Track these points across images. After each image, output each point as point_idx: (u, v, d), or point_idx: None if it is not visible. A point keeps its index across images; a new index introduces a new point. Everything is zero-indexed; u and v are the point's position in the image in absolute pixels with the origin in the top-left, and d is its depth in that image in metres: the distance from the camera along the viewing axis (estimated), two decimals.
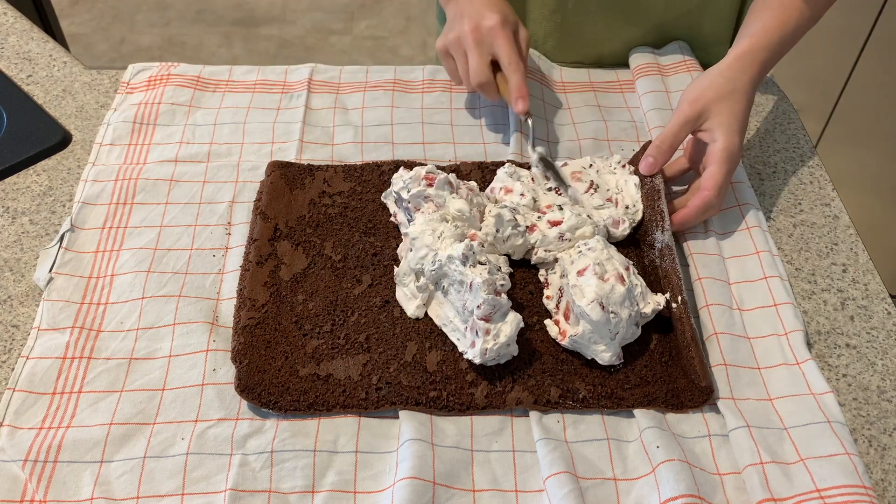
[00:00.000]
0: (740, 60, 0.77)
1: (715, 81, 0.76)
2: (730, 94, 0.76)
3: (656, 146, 0.77)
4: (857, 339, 0.71)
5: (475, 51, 0.82)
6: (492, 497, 0.60)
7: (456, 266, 0.66)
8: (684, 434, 0.64)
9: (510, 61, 0.81)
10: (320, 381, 0.65)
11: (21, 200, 0.82)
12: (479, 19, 0.82)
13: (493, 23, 0.81)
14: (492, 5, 0.83)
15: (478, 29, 0.81)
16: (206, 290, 0.73)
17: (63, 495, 0.59)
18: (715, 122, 0.75)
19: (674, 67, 0.95)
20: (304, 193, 0.80)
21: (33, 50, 1.00)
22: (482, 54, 0.82)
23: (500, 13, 0.82)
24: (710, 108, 0.75)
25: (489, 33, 0.81)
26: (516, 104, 0.81)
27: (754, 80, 0.77)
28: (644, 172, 0.77)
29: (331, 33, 2.60)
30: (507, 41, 0.81)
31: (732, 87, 0.76)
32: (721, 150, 0.74)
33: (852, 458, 0.60)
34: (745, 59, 0.77)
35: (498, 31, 0.81)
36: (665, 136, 0.77)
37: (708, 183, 0.74)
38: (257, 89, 0.94)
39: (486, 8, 0.82)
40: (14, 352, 0.69)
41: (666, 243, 0.72)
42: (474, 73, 0.82)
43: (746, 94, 0.76)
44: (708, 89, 0.76)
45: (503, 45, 0.81)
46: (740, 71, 0.77)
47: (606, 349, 0.65)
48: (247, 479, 0.60)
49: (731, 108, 0.75)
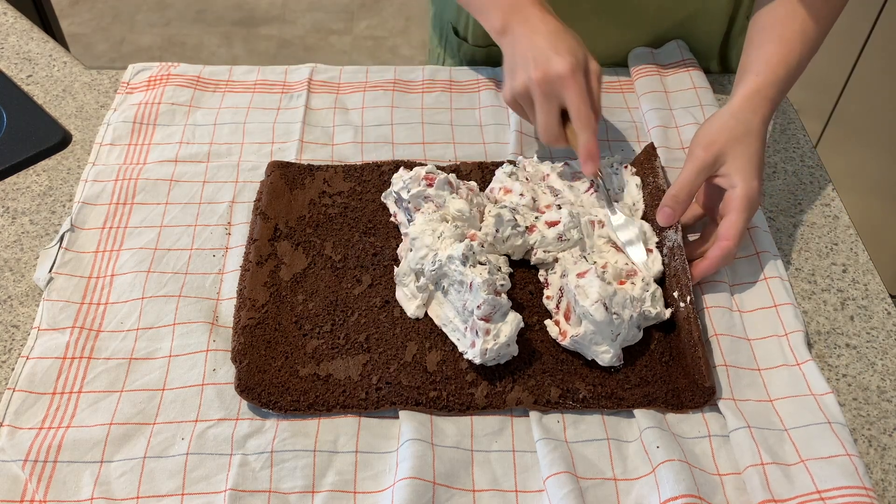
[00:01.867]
0: (750, 101, 0.74)
1: (727, 124, 0.73)
2: (744, 137, 0.72)
3: (673, 196, 0.72)
4: (857, 339, 0.71)
5: (544, 106, 0.75)
6: (492, 497, 0.60)
7: (456, 266, 0.66)
8: (684, 434, 0.64)
9: (579, 116, 0.74)
10: (320, 381, 0.65)
11: (21, 200, 0.82)
12: (546, 65, 0.73)
13: (561, 69, 0.73)
14: (559, 43, 0.74)
15: (546, 79, 0.73)
16: (206, 290, 0.73)
17: (63, 495, 0.59)
18: (732, 166, 0.71)
19: (673, 68, 0.95)
20: (304, 193, 0.80)
21: (33, 50, 1.00)
22: (550, 110, 0.75)
23: (570, 54, 0.74)
24: (726, 152, 0.72)
25: (558, 83, 0.73)
26: (585, 166, 0.75)
27: (765, 119, 0.74)
28: (662, 224, 0.72)
29: (331, 33, 2.60)
30: (578, 92, 0.73)
31: (746, 128, 0.72)
32: (741, 197, 0.70)
33: (853, 459, 0.60)
34: (755, 99, 0.74)
35: (568, 79, 0.73)
36: (682, 184, 0.72)
37: (728, 232, 0.70)
38: (257, 89, 0.94)
39: (553, 48, 0.74)
40: (14, 352, 0.69)
41: (677, 243, 0.72)
42: (543, 132, 0.76)
43: (760, 134, 0.73)
44: (721, 132, 0.72)
45: (573, 98, 0.73)
46: (751, 112, 0.73)
47: (607, 350, 0.65)
48: (247, 479, 0.60)
49: (746, 150, 0.72)
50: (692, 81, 0.93)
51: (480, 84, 0.95)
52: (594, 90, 0.76)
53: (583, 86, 0.74)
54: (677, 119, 0.89)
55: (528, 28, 0.76)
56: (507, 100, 0.79)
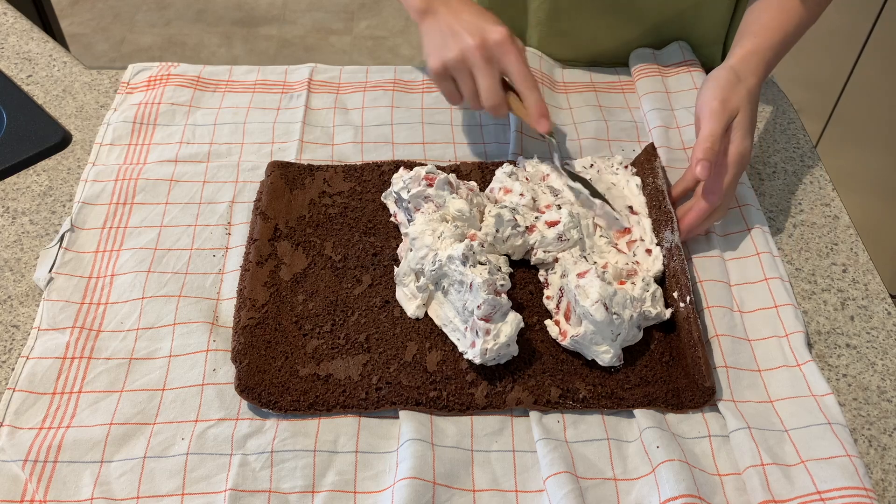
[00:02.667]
0: (746, 61, 0.76)
1: (731, 81, 0.74)
2: (746, 96, 0.74)
3: (708, 148, 0.71)
4: (857, 339, 0.71)
5: (485, 70, 0.75)
6: (492, 497, 0.60)
7: (456, 266, 0.66)
8: (684, 434, 0.64)
9: (524, 78, 0.75)
10: (320, 381, 0.65)
11: (21, 200, 0.82)
12: (482, 34, 0.75)
13: (500, 37, 0.74)
14: (488, 18, 0.77)
15: (484, 45, 0.74)
16: (206, 290, 0.73)
17: (63, 495, 0.59)
18: (737, 122, 0.73)
19: (674, 68, 0.95)
20: (304, 193, 0.80)
21: (33, 50, 1.00)
22: (492, 73, 0.75)
23: (504, 25, 0.76)
24: (737, 106, 0.73)
25: (498, 49, 0.74)
26: (538, 123, 0.76)
27: (760, 80, 0.76)
28: (702, 177, 0.71)
29: (331, 33, 2.60)
30: (518, 57, 0.75)
31: (747, 88, 0.74)
32: (734, 153, 0.73)
33: (853, 460, 0.60)
34: (752, 60, 0.76)
35: (508, 46, 0.74)
36: (713, 137, 0.71)
37: (702, 135, 0.72)
38: (257, 89, 0.94)
39: (485, 21, 0.76)
40: (14, 352, 0.69)
41: (675, 243, 0.72)
42: (487, 95, 0.76)
43: (755, 95, 0.75)
44: (731, 90, 0.73)
45: (514, 62, 0.75)
46: (749, 72, 0.75)
47: (607, 350, 0.65)
48: (247, 479, 0.60)
49: (746, 109, 0.73)
50: (693, 82, 0.93)
51: None
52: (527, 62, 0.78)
53: (523, 51, 0.76)
54: (679, 119, 0.89)
55: (451, 9, 0.78)
56: (437, 69, 0.77)
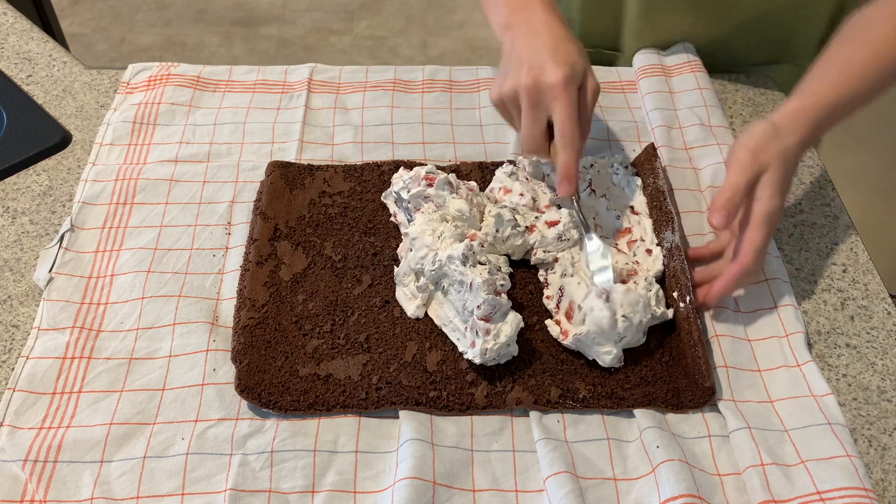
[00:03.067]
0: (792, 118, 0.70)
1: (768, 135, 0.69)
2: (781, 153, 0.68)
3: (728, 198, 0.67)
4: (857, 339, 0.71)
5: (530, 114, 0.71)
6: (492, 497, 0.60)
7: (456, 266, 0.66)
8: (684, 434, 0.64)
9: (563, 133, 0.69)
10: (320, 381, 0.65)
11: (21, 200, 0.82)
12: (539, 73, 0.69)
13: (553, 80, 0.69)
14: (558, 51, 0.70)
15: (536, 87, 0.69)
16: (206, 290, 0.73)
17: (63, 495, 0.59)
18: (766, 179, 0.68)
19: (678, 68, 0.95)
20: (304, 193, 0.80)
21: (33, 50, 1.00)
22: (536, 120, 0.71)
23: (567, 65, 0.69)
24: (768, 161, 0.68)
25: (548, 93, 0.69)
26: (560, 186, 0.71)
27: (803, 142, 0.70)
28: (721, 225, 0.67)
29: (331, 33, 2.60)
30: (567, 107, 0.69)
31: (784, 145, 0.68)
32: (764, 212, 0.67)
33: (853, 460, 0.60)
34: (798, 118, 0.70)
35: (559, 92, 0.69)
36: (735, 188, 0.67)
37: (747, 248, 0.67)
38: (257, 89, 0.94)
39: (551, 56, 0.70)
40: (14, 352, 0.69)
41: (675, 243, 0.72)
42: (526, 140, 0.72)
43: (793, 155, 0.69)
44: (766, 143, 0.68)
45: (560, 113, 0.69)
46: (791, 130, 0.69)
47: (609, 351, 0.65)
48: (247, 479, 0.60)
49: (780, 168, 0.68)
50: (697, 82, 0.93)
51: (480, 84, 0.95)
52: (587, 106, 0.72)
53: (573, 101, 0.70)
54: (681, 119, 0.89)
55: (530, 29, 0.73)
56: (494, 99, 0.75)
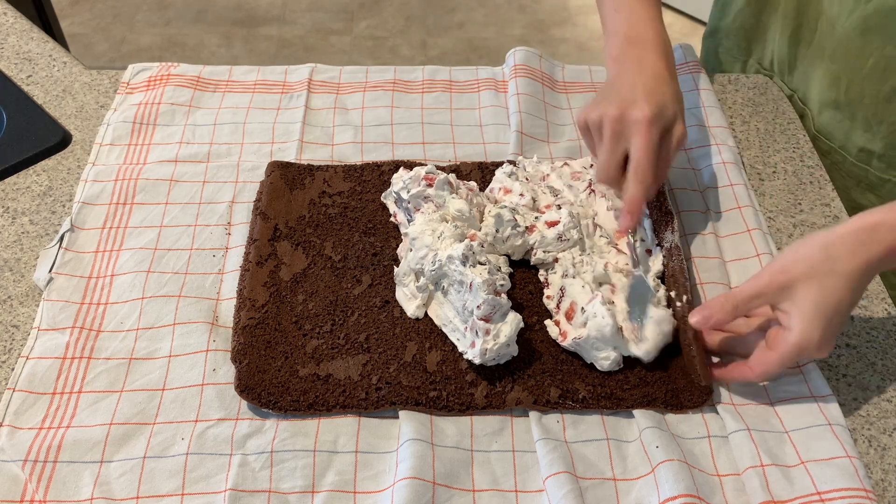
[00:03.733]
0: (856, 236, 0.59)
1: (811, 255, 0.60)
2: (824, 277, 0.59)
3: (721, 303, 0.63)
4: (857, 339, 0.71)
5: (609, 145, 0.70)
6: (492, 497, 0.60)
7: (456, 266, 0.66)
8: (684, 435, 0.64)
9: (637, 168, 0.68)
10: (320, 381, 0.65)
11: (21, 200, 0.82)
12: (627, 107, 0.69)
13: (640, 116, 0.68)
14: (653, 90, 0.70)
15: (621, 119, 0.69)
16: (206, 290, 0.73)
17: (63, 495, 0.59)
18: (796, 306, 0.60)
19: (677, 69, 0.95)
20: (304, 193, 0.80)
21: (33, 50, 1.00)
22: (614, 151, 0.70)
23: (656, 105, 0.69)
24: (796, 287, 0.59)
25: (630, 127, 0.69)
26: (623, 218, 0.70)
27: (866, 266, 0.59)
28: (696, 325, 0.64)
29: (331, 33, 2.60)
30: (646, 143, 0.68)
31: (830, 268, 0.59)
32: (792, 344, 0.60)
33: (853, 461, 0.60)
34: (864, 236, 0.59)
35: (641, 127, 0.68)
36: (735, 297, 0.63)
37: (758, 366, 0.62)
38: (257, 89, 0.94)
39: (645, 92, 0.69)
40: (14, 352, 0.69)
41: (674, 243, 0.72)
42: (599, 170, 0.72)
43: (847, 281, 0.59)
44: (799, 263, 0.60)
45: (638, 147, 0.68)
46: (850, 252, 0.59)
47: (607, 357, 0.65)
48: (247, 479, 0.60)
49: (818, 294, 0.59)
50: (695, 83, 0.93)
51: (480, 84, 0.95)
52: (669, 151, 0.71)
53: (654, 139, 0.69)
54: None
55: (637, 66, 0.72)
56: (579, 122, 0.74)
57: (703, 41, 1.07)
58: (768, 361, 0.62)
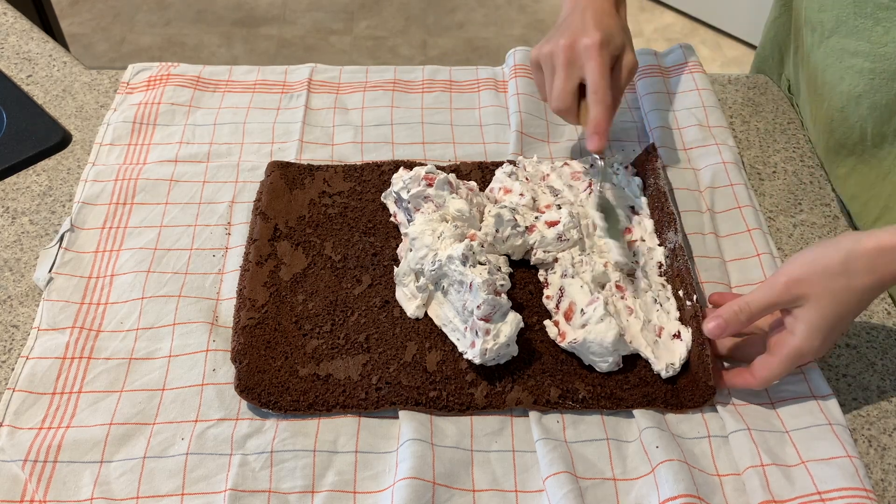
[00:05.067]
0: (877, 256, 0.58)
1: (829, 268, 0.59)
2: (839, 293, 0.58)
3: (734, 312, 0.62)
4: (857, 339, 0.71)
5: (562, 72, 0.73)
6: (492, 497, 0.60)
7: (456, 266, 0.66)
8: (684, 434, 0.64)
9: (595, 89, 0.72)
10: (320, 381, 0.65)
11: (21, 200, 0.82)
12: (577, 35, 0.72)
13: (590, 42, 0.71)
14: (600, 21, 0.73)
15: (572, 47, 0.72)
16: (205, 290, 0.73)
17: (63, 495, 0.59)
18: (804, 314, 0.60)
19: (676, 69, 0.95)
20: (304, 193, 0.80)
21: (33, 50, 1.00)
22: (569, 77, 0.73)
23: (604, 32, 0.72)
24: (809, 297, 0.59)
25: (583, 53, 0.72)
26: (589, 140, 0.73)
27: (881, 285, 0.58)
28: (711, 335, 0.64)
29: (331, 33, 2.60)
30: (600, 66, 0.71)
31: (846, 284, 0.58)
32: (793, 348, 0.60)
33: (853, 461, 0.60)
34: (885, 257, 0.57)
35: (593, 52, 0.71)
36: (749, 308, 0.62)
37: (760, 372, 0.62)
38: (257, 89, 0.94)
39: (593, 23, 0.73)
40: (14, 352, 0.69)
41: (678, 243, 0.72)
42: (555, 97, 0.74)
43: (859, 299, 0.59)
44: (815, 273, 0.59)
45: (593, 70, 0.71)
46: (868, 269, 0.58)
47: (605, 360, 0.65)
48: (247, 479, 0.60)
49: (828, 308, 0.59)
50: (695, 83, 0.93)
51: (480, 84, 0.95)
52: (620, 79, 0.74)
53: (607, 63, 0.72)
54: (679, 121, 0.89)
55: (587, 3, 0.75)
56: (532, 58, 0.77)
57: None
58: (769, 366, 0.62)
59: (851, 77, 0.77)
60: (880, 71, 0.74)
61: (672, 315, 0.69)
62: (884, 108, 0.75)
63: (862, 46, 0.75)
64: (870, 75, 0.75)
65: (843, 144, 0.81)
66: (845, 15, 0.76)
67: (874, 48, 0.74)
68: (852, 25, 0.76)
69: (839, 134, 0.81)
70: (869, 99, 0.76)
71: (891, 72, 0.74)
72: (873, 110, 0.76)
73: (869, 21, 0.74)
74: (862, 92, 0.77)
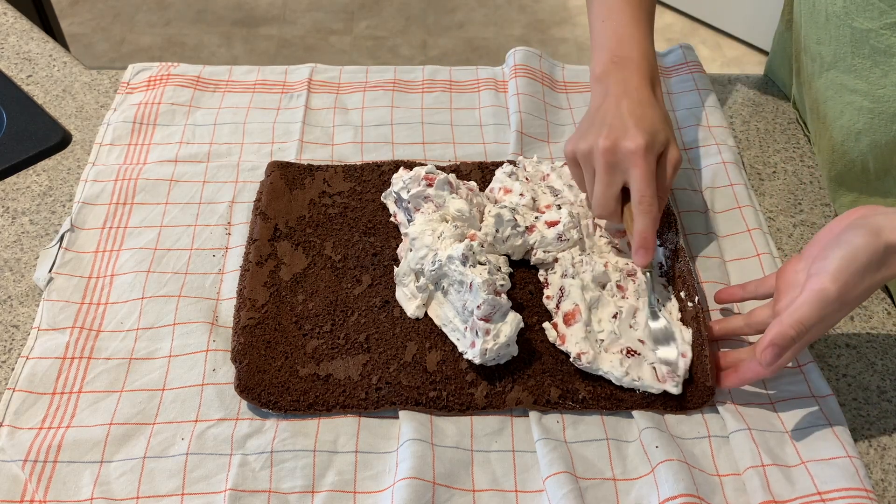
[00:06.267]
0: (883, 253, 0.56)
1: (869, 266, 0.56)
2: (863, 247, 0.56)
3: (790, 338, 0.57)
4: (857, 339, 0.71)
5: (604, 176, 0.68)
6: (492, 497, 0.60)
7: (456, 266, 0.66)
8: (684, 435, 0.64)
9: (641, 200, 0.66)
10: (320, 381, 0.65)
11: (21, 200, 0.82)
12: (619, 136, 0.66)
13: (633, 146, 0.66)
14: (642, 117, 0.68)
15: (613, 150, 0.66)
16: (206, 290, 0.73)
17: (63, 495, 0.59)
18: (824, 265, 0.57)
19: (676, 69, 0.95)
20: (304, 193, 0.80)
21: (33, 50, 1.00)
22: (611, 183, 0.68)
23: (648, 133, 0.66)
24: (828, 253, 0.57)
25: (625, 158, 0.66)
26: (636, 255, 0.68)
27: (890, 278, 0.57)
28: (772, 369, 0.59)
29: (331, 33, 2.60)
30: (645, 173, 0.66)
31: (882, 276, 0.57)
32: (818, 290, 0.56)
33: (853, 461, 0.60)
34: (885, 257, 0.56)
35: (638, 158, 0.66)
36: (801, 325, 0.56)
37: (789, 318, 0.56)
38: (257, 89, 0.94)
39: (633, 120, 0.67)
40: (14, 352, 0.69)
41: (679, 244, 0.72)
42: (597, 204, 0.69)
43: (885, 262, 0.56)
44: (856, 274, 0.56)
45: (638, 179, 0.66)
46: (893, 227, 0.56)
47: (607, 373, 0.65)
48: (247, 479, 0.60)
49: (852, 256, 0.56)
50: (695, 83, 0.93)
51: (480, 84, 0.95)
52: (665, 177, 0.69)
53: (652, 167, 0.67)
54: (679, 121, 0.89)
55: (622, 90, 0.70)
56: (567, 153, 0.72)
57: None
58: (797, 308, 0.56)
59: (851, 113, 0.75)
60: (879, 112, 0.72)
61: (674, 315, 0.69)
62: (884, 147, 0.74)
63: (860, 85, 0.73)
64: (869, 115, 0.73)
65: (845, 175, 0.80)
66: (843, 52, 0.73)
67: (872, 88, 0.72)
68: (850, 63, 0.73)
69: (840, 166, 0.80)
70: (869, 137, 0.74)
71: (889, 113, 0.71)
72: (874, 148, 0.74)
73: (867, 62, 0.71)
74: (862, 129, 0.75)
